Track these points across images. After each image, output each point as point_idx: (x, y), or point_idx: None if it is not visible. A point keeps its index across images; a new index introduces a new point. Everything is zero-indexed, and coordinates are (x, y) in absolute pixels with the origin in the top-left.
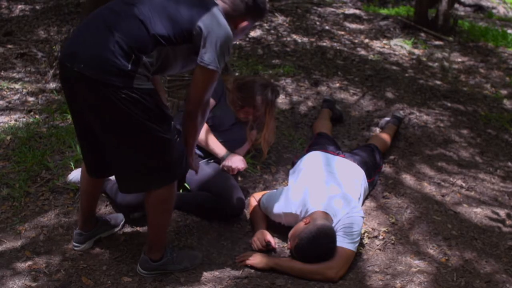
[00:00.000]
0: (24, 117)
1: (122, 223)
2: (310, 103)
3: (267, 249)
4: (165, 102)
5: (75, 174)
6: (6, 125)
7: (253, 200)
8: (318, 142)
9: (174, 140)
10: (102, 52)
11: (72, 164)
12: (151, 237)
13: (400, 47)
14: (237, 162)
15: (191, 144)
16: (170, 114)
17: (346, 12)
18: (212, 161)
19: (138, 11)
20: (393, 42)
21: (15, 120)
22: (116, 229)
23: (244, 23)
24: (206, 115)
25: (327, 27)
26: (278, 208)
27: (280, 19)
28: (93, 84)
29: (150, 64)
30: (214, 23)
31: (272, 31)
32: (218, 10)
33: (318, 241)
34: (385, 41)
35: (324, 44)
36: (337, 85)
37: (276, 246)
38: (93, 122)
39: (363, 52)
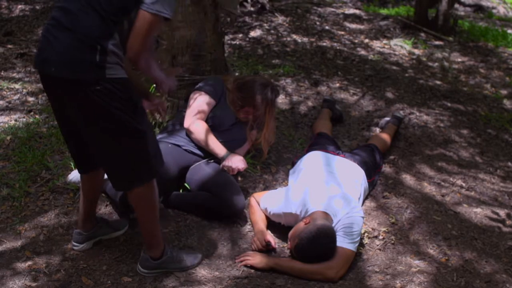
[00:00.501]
0: (24, 117)
1: (125, 228)
2: (310, 103)
3: (267, 249)
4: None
5: (75, 174)
6: (6, 125)
7: (253, 200)
8: (318, 142)
9: (150, 134)
10: (68, 52)
11: (72, 164)
12: (145, 235)
13: (400, 47)
14: (237, 162)
15: (151, 73)
16: (143, 106)
17: (346, 12)
18: (212, 161)
19: (84, 1)
20: (393, 42)
21: (15, 120)
22: (118, 233)
23: None
24: (151, 61)
25: (327, 27)
26: (278, 208)
27: (280, 19)
28: (68, 85)
29: (117, 47)
30: None
31: (272, 31)
32: None
33: (318, 241)
34: (385, 41)
35: (324, 44)
36: (337, 85)
37: (276, 246)
38: (75, 120)
39: (363, 52)
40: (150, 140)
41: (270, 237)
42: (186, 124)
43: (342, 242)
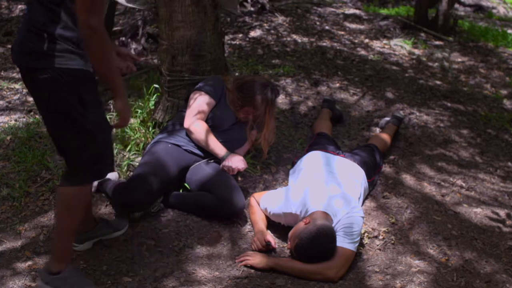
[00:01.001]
0: (24, 117)
1: (125, 228)
2: (310, 103)
3: (267, 249)
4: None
5: None
6: (6, 125)
7: (253, 200)
8: (318, 142)
9: (100, 135)
10: (23, 43)
11: None
12: (54, 241)
13: (400, 47)
14: (237, 162)
15: (109, 78)
16: (98, 100)
17: (346, 12)
18: (212, 161)
19: None
20: (393, 42)
21: (15, 120)
22: (118, 233)
23: None
24: (105, 41)
25: (327, 27)
26: (278, 208)
27: (280, 19)
28: (24, 72)
29: (68, 29)
30: None
31: (272, 31)
32: None
33: (318, 241)
34: (385, 41)
35: (324, 44)
36: (337, 85)
37: (276, 246)
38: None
39: (363, 52)
40: (99, 141)
41: (270, 237)
42: (186, 124)
43: (342, 242)
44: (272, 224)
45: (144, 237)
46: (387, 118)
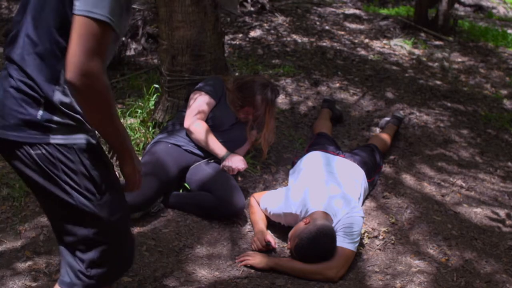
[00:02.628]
0: None
1: None
2: (310, 103)
3: (267, 249)
4: None
5: None
6: None
7: (253, 200)
8: (318, 142)
9: (108, 219)
10: (3, 105)
11: None
12: None
13: (400, 47)
14: (237, 162)
15: (113, 140)
16: (106, 176)
17: (346, 12)
18: (212, 161)
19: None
20: (393, 42)
21: None
22: None
23: None
24: (109, 93)
25: (327, 27)
26: (278, 208)
27: (280, 19)
28: (4, 145)
29: (69, 102)
30: None
31: (272, 31)
32: None
33: (318, 241)
34: (385, 41)
35: (324, 44)
36: (337, 85)
37: (276, 246)
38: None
39: (363, 52)
40: (111, 233)
41: (270, 237)
42: (186, 124)
43: (342, 242)
44: (272, 224)
45: (144, 237)
46: (387, 118)
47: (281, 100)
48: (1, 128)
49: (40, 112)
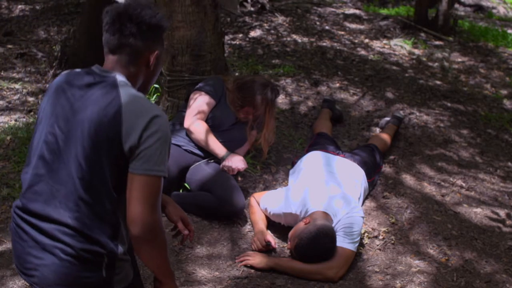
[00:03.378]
0: (24, 117)
1: None
2: (310, 103)
3: (267, 249)
4: None
5: None
6: (6, 125)
7: (253, 200)
8: (318, 142)
9: None
10: (60, 269)
11: None
12: None
13: (400, 47)
14: (237, 162)
15: (161, 276)
16: None
17: (346, 12)
18: (212, 161)
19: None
20: (393, 42)
21: (15, 120)
22: None
23: (155, 53)
24: (165, 243)
25: (327, 27)
26: (278, 208)
27: (280, 19)
28: None
29: (125, 240)
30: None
31: (272, 31)
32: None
33: (318, 241)
34: (385, 41)
35: (324, 44)
36: (337, 85)
37: (276, 246)
38: None
39: (363, 52)
40: None
41: (270, 237)
42: (186, 124)
43: (342, 242)
44: (272, 224)
45: None
46: (387, 118)
47: (281, 100)
48: None
49: (104, 272)
